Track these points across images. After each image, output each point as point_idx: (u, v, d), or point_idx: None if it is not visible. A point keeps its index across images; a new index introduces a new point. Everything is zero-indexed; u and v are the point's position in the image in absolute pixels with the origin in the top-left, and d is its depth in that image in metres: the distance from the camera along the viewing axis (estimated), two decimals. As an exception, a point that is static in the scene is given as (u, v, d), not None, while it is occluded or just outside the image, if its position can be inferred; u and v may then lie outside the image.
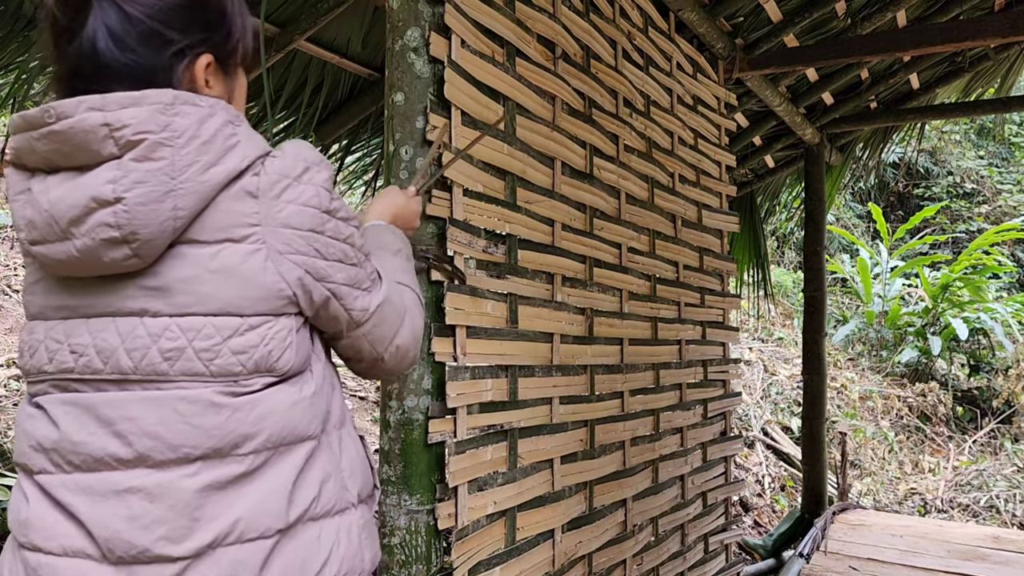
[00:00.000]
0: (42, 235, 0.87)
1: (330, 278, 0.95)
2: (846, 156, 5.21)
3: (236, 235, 0.89)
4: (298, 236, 0.92)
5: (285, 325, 0.92)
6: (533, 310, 2.17)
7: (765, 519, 5.57)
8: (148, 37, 0.90)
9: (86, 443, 0.87)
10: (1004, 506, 6.28)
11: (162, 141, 0.84)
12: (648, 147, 2.92)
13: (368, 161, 4.19)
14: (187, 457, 0.86)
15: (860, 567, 3.63)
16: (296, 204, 0.92)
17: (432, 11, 1.81)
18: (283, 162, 0.92)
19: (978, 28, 3.15)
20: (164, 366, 0.87)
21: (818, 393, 4.73)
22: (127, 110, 0.83)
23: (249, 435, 0.89)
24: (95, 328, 0.89)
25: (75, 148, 0.84)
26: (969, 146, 12.65)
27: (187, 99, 0.87)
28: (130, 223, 0.84)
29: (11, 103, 2.88)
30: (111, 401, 0.88)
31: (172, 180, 0.84)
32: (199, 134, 0.87)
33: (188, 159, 0.85)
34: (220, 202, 0.88)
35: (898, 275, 9.51)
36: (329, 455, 0.97)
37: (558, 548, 2.25)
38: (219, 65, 0.98)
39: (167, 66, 0.91)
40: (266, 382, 0.91)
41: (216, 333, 0.87)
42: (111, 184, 0.83)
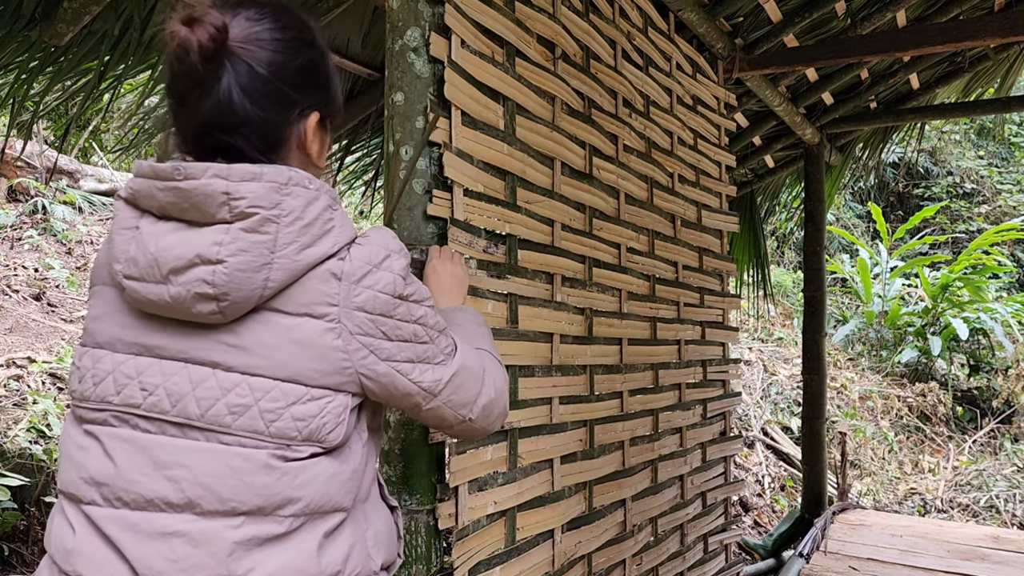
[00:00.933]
0: (141, 273, 0.93)
1: (393, 357, 1.01)
2: (846, 156, 5.21)
3: (316, 312, 0.95)
4: (368, 319, 0.98)
5: (342, 403, 0.98)
6: (533, 310, 2.17)
7: (765, 519, 5.57)
8: (275, 96, 0.98)
9: (139, 482, 0.91)
10: (1004, 506, 6.28)
11: (271, 218, 0.92)
12: (648, 147, 2.92)
13: (368, 161, 4.19)
14: (234, 511, 0.91)
15: (860, 567, 3.63)
16: (372, 290, 0.98)
17: (432, 11, 1.81)
18: (368, 250, 1.00)
19: (978, 28, 3.15)
20: (228, 419, 0.92)
21: (818, 393, 4.73)
22: (247, 184, 0.91)
23: (293, 499, 0.93)
24: (168, 370, 0.94)
25: (193, 206, 0.92)
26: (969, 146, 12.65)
27: (299, 180, 0.95)
28: (225, 284, 0.90)
29: (11, 103, 2.88)
30: (168, 446, 0.92)
31: (271, 254, 0.92)
32: (303, 216, 0.94)
33: (289, 238, 0.93)
34: (308, 280, 0.95)
35: (898, 275, 9.51)
36: (356, 526, 1.02)
37: (558, 548, 2.26)
38: (321, 122, 1.07)
39: (289, 123, 1.01)
40: (313, 451, 0.96)
41: (282, 397, 0.93)
42: (217, 246, 0.90)
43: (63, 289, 5.32)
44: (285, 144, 1.02)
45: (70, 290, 5.34)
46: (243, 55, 0.96)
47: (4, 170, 6.33)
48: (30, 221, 6.05)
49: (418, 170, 1.78)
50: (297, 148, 1.04)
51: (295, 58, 1.01)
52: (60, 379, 4.07)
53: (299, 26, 1.04)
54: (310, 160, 1.06)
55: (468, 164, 1.91)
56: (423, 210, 1.77)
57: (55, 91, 3.06)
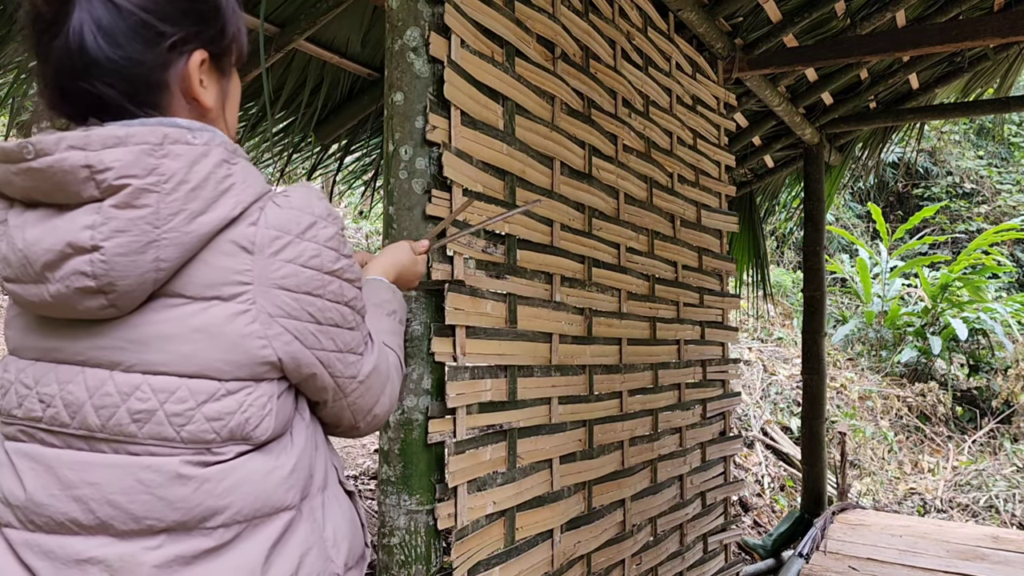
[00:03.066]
0: (15, 274, 0.82)
1: (320, 345, 0.89)
2: (845, 156, 5.21)
3: (225, 293, 0.82)
4: (292, 299, 0.85)
5: (266, 391, 0.86)
6: (532, 310, 2.17)
7: (764, 519, 5.57)
8: (139, 31, 0.82)
9: (47, 505, 0.82)
10: (1003, 506, 6.28)
11: (147, 187, 0.77)
12: (647, 147, 2.93)
13: (368, 161, 4.19)
14: (151, 529, 0.81)
15: (859, 567, 3.63)
16: (295, 264, 0.85)
17: (432, 11, 1.81)
18: (286, 214, 0.85)
19: (977, 28, 3.15)
20: (132, 428, 0.81)
21: (818, 393, 4.74)
22: (111, 151, 0.77)
23: (218, 508, 0.82)
24: (63, 377, 0.83)
25: (54, 187, 0.78)
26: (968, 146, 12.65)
27: (178, 137, 0.80)
28: (107, 274, 0.78)
29: (11, 103, 2.88)
30: (74, 463, 0.82)
31: (155, 230, 0.78)
32: (188, 179, 0.80)
33: (174, 207, 0.79)
34: (209, 255, 0.82)
35: (897, 275, 9.52)
36: (311, 525, 0.91)
37: (557, 548, 2.26)
38: (214, 63, 0.91)
39: (161, 63, 0.85)
40: (239, 451, 0.85)
41: (190, 397, 0.81)
42: (89, 230, 0.77)
43: (63, 289, 5.31)
44: (162, 91, 0.86)
45: (70, 290, 5.33)
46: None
47: None
48: (30, 221, 6.04)
49: (417, 170, 1.78)
50: (184, 97, 0.88)
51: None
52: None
53: None
54: (204, 111, 0.90)
55: (467, 164, 1.91)
56: (422, 210, 1.77)
57: (54, 91, 3.06)
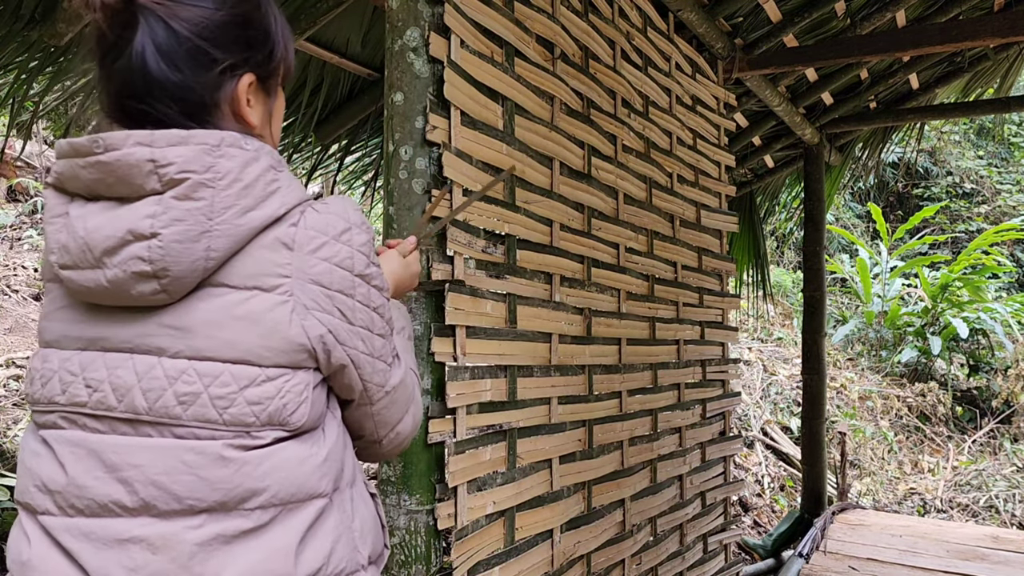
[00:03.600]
0: (74, 260, 0.86)
1: (351, 343, 0.94)
2: (845, 156, 5.21)
3: (266, 284, 0.88)
4: (325, 295, 0.90)
5: (303, 380, 0.90)
6: (532, 310, 2.18)
7: (764, 519, 5.57)
8: (195, 56, 0.89)
9: (91, 487, 0.85)
10: (1003, 506, 6.28)
11: (204, 182, 0.84)
12: (647, 147, 2.93)
13: (368, 161, 4.19)
14: (192, 509, 0.85)
15: (859, 567, 3.63)
16: (329, 263, 0.90)
17: (431, 11, 1.82)
18: (324, 218, 0.92)
19: (977, 28, 3.15)
20: (178, 410, 0.85)
21: (817, 393, 4.74)
22: (174, 148, 0.84)
23: (256, 490, 0.87)
24: (112, 363, 0.88)
25: (119, 180, 0.84)
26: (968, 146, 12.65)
27: (233, 141, 0.87)
28: (163, 259, 0.83)
29: (11, 103, 2.88)
30: (118, 446, 0.86)
31: (209, 221, 0.84)
32: (241, 177, 0.87)
33: (228, 201, 0.85)
34: (254, 249, 0.88)
35: (897, 275, 9.52)
36: (341, 515, 0.95)
37: (557, 548, 2.26)
38: (260, 84, 0.98)
39: (214, 85, 0.91)
40: (277, 436, 0.89)
41: (233, 381, 0.86)
42: (150, 219, 0.83)
43: (63, 289, 5.32)
44: (213, 111, 0.92)
45: (70, 290, 5.34)
46: (159, 11, 0.88)
47: (4, 170, 6.33)
48: (29, 221, 6.05)
49: (417, 170, 1.79)
50: (232, 115, 0.94)
51: (219, 11, 0.91)
52: (60, 379, 4.07)
53: None
54: (250, 129, 0.96)
55: (467, 164, 1.91)
56: (422, 210, 1.78)
57: (55, 91, 3.07)
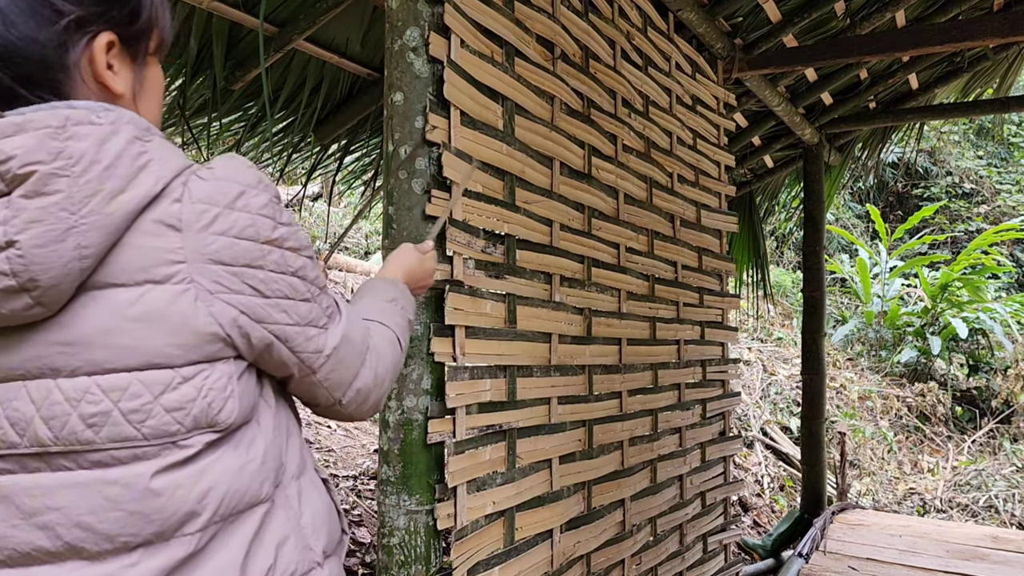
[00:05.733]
0: None
1: (271, 318, 0.83)
2: (845, 156, 5.22)
3: (158, 275, 0.76)
4: (230, 273, 0.80)
5: (224, 372, 0.81)
6: (531, 310, 2.17)
7: (764, 519, 5.57)
8: (34, 8, 0.77)
9: (9, 537, 0.75)
10: (1003, 506, 6.28)
11: (55, 172, 0.72)
12: (647, 147, 2.92)
13: (367, 161, 4.19)
14: (126, 546, 0.76)
15: (859, 567, 3.63)
16: (228, 236, 0.79)
17: (431, 11, 1.81)
18: (211, 186, 0.80)
19: (977, 28, 3.15)
20: (89, 433, 0.75)
21: (817, 393, 4.74)
22: (11, 139, 0.71)
23: (195, 512, 0.78)
24: (5, 396, 0.76)
25: None
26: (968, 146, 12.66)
27: (81, 118, 0.74)
28: (27, 268, 0.72)
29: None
30: (33, 487, 0.76)
31: (72, 216, 0.72)
32: (99, 158, 0.74)
33: (89, 189, 0.73)
34: (134, 237, 0.76)
35: (897, 275, 9.52)
36: (287, 513, 0.87)
37: (556, 548, 2.26)
38: (125, 48, 0.85)
39: (59, 43, 0.78)
40: (207, 440, 0.80)
41: (145, 390, 0.76)
42: (1, 226, 0.71)
43: (62, 289, 5.31)
44: (60, 73, 0.79)
45: (69, 290, 5.33)
46: None
47: None
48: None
49: (417, 170, 1.78)
50: (92, 82, 0.82)
51: None
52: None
53: None
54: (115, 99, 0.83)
55: (467, 164, 1.91)
56: (422, 210, 1.77)
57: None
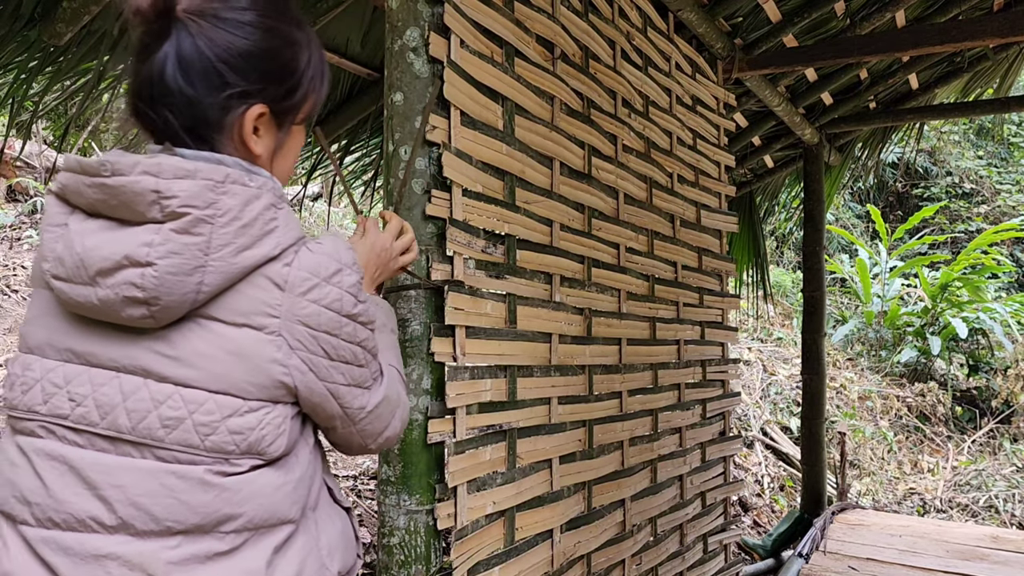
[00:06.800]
0: (68, 274, 0.89)
1: (331, 378, 0.96)
2: (845, 156, 5.21)
3: (256, 322, 0.90)
4: (311, 335, 0.93)
5: (281, 413, 0.93)
6: (532, 310, 2.17)
7: (764, 519, 5.57)
8: (209, 74, 0.92)
9: (70, 503, 0.87)
10: (1003, 506, 6.28)
11: (204, 218, 0.86)
12: (647, 147, 2.92)
13: (367, 161, 4.19)
14: (169, 530, 0.87)
15: (859, 567, 3.63)
16: (318, 304, 0.93)
17: (431, 11, 1.82)
18: (316, 259, 0.94)
19: (977, 28, 3.15)
20: (161, 432, 0.88)
21: (817, 393, 4.74)
22: (180, 182, 0.86)
23: (233, 515, 0.90)
24: (97, 380, 0.89)
25: (122, 204, 0.87)
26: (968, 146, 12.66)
27: (237, 178, 0.89)
28: (156, 288, 0.85)
29: (10, 103, 2.88)
30: (99, 464, 0.88)
31: (204, 256, 0.87)
32: (241, 216, 0.89)
33: (224, 239, 0.87)
34: (246, 286, 0.90)
35: (897, 275, 9.52)
36: (307, 536, 0.98)
37: (557, 548, 2.26)
38: (273, 117, 0.99)
39: (221, 106, 0.93)
40: (253, 464, 0.92)
41: (217, 410, 0.89)
42: (146, 247, 0.85)
43: (62, 289, 5.31)
44: (217, 130, 0.94)
45: (69, 290, 5.34)
46: (191, 27, 0.91)
47: (3, 170, 6.33)
48: (29, 221, 6.05)
49: (417, 170, 1.78)
50: (235, 140, 0.96)
51: (246, 41, 0.93)
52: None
53: (267, 10, 0.96)
54: (253, 157, 0.98)
55: (467, 164, 1.91)
56: (422, 210, 1.77)
57: (54, 91, 3.06)
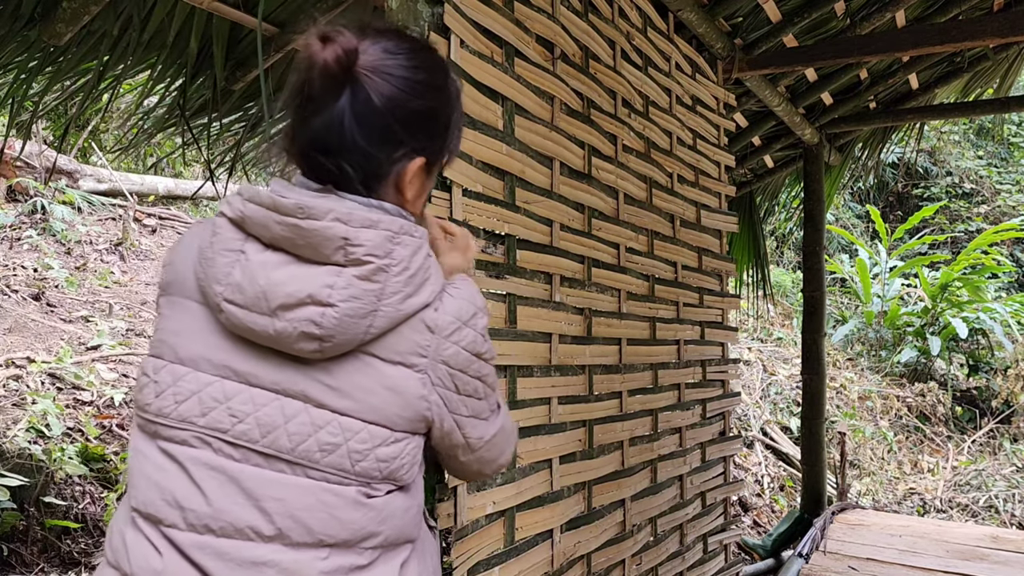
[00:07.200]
0: (246, 302, 0.94)
1: (458, 410, 1.05)
2: (845, 156, 5.21)
3: (409, 361, 0.98)
4: (449, 373, 1.02)
5: (418, 444, 1.02)
6: (532, 310, 2.17)
7: (764, 519, 5.57)
8: (385, 132, 0.98)
9: (230, 511, 0.92)
10: (1003, 506, 6.28)
11: (383, 267, 0.94)
12: (647, 147, 2.92)
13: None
14: (321, 543, 0.94)
15: (859, 567, 3.64)
16: (458, 346, 1.02)
17: (431, 11, 1.81)
18: (458, 305, 1.03)
19: (977, 28, 3.15)
20: (317, 455, 0.94)
21: (817, 393, 4.74)
22: (366, 231, 0.93)
23: (375, 532, 0.97)
24: (259, 400, 0.95)
25: (308, 245, 0.93)
26: (968, 146, 12.66)
27: (408, 229, 0.97)
28: (333, 328, 0.92)
29: (10, 103, 2.88)
30: (257, 477, 0.94)
31: (378, 302, 0.94)
32: (409, 266, 0.96)
33: (395, 288, 0.95)
34: (404, 328, 0.98)
35: (897, 275, 9.52)
36: (420, 555, 1.07)
37: (557, 548, 2.26)
38: (426, 167, 1.06)
39: (392, 160, 1.00)
40: (389, 489, 1.00)
41: (370, 439, 0.96)
42: (328, 288, 0.92)
43: (62, 289, 5.32)
44: (383, 180, 1.01)
45: (69, 290, 5.34)
46: (366, 83, 0.97)
47: (3, 170, 6.33)
48: (29, 221, 6.05)
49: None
50: (394, 187, 1.03)
51: (416, 100, 1.00)
52: (59, 379, 4.07)
53: (433, 69, 1.04)
54: (404, 202, 1.04)
55: (467, 164, 1.91)
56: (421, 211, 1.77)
57: (54, 91, 3.06)
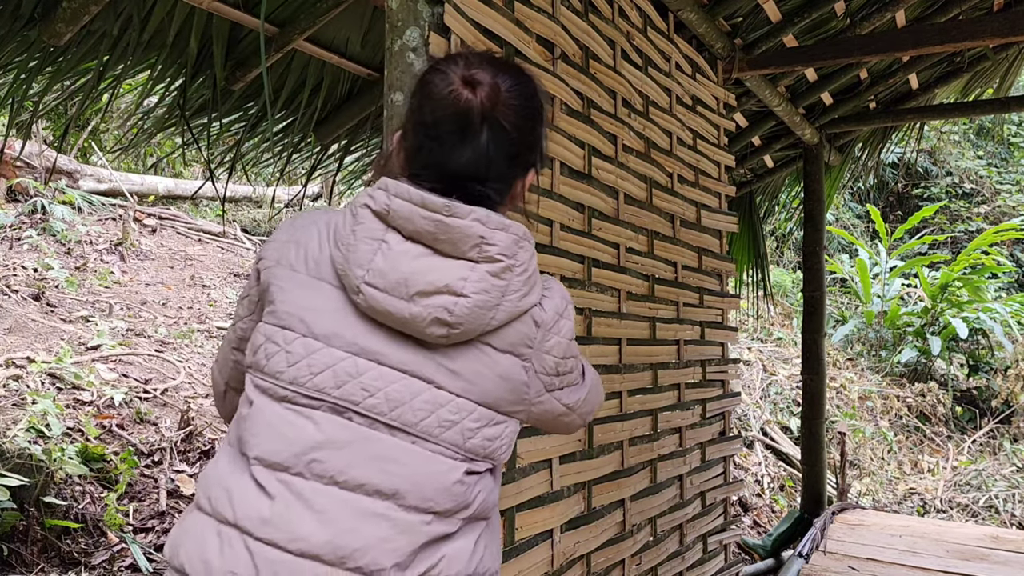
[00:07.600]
0: (387, 286, 1.04)
1: (556, 387, 1.20)
2: (845, 156, 5.21)
3: (517, 351, 1.11)
4: (553, 362, 1.16)
5: (514, 428, 1.15)
6: (532, 310, 2.17)
7: (764, 519, 5.57)
8: (517, 157, 1.15)
9: (357, 466, 1.02)
10: (1003, 506, 6.28)
11: (510, 267, 1.08)
12: (647, 147, 2.92)
13: (367, 161, 4.19)
14: (429, 509, 1.04)
15: (859, 567, 3.64)
16: (558, 336, 1.16)
17: (431, 11, 1.82)
18: (555, 302, 1.17)
19: (977, 28, 3.15)
20: (437, 430, 1.05)
21: (817, 393, 4.74)
22: (499, 232, 1.07)
23: (468, 504, 1.08)
24: (389, 378, 1.05)
25: (448, 240, 1.05)
26: (968, 146, 12.67)
27: (528, 236, 1.12)
28: (463, 317, 1.04)
29: (10, 103, 2.88)
30: (385, 443, 1.04)
31: (502, 298, 1.07)
32: (527, 268, 1.10)
33: (516, 286, 1.08)
34: (517, 321, 1.11)
35: (897, 275, 9.52)
36: (491, 533, 1.16)
37: (557, 548, 2.26)
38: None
39: (515, 178, 1.18)
40: (487, 467, 1.12)
41: (480, 419, 1.08)
42: (463, 280, 1.04)
43: (62, 289, 5.32)
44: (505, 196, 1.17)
45: (69, 290, 5.34)
46: (502, 119, 1.10)
47: (3, 170, 6.33)
48: (29, 221, 6.05)
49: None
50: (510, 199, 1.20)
51: (532, 124, 1.15)
52: (59, 379, 4.07)
53: (535, 94, 1.17)
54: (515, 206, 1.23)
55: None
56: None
57: (54, 91, 3.06)
